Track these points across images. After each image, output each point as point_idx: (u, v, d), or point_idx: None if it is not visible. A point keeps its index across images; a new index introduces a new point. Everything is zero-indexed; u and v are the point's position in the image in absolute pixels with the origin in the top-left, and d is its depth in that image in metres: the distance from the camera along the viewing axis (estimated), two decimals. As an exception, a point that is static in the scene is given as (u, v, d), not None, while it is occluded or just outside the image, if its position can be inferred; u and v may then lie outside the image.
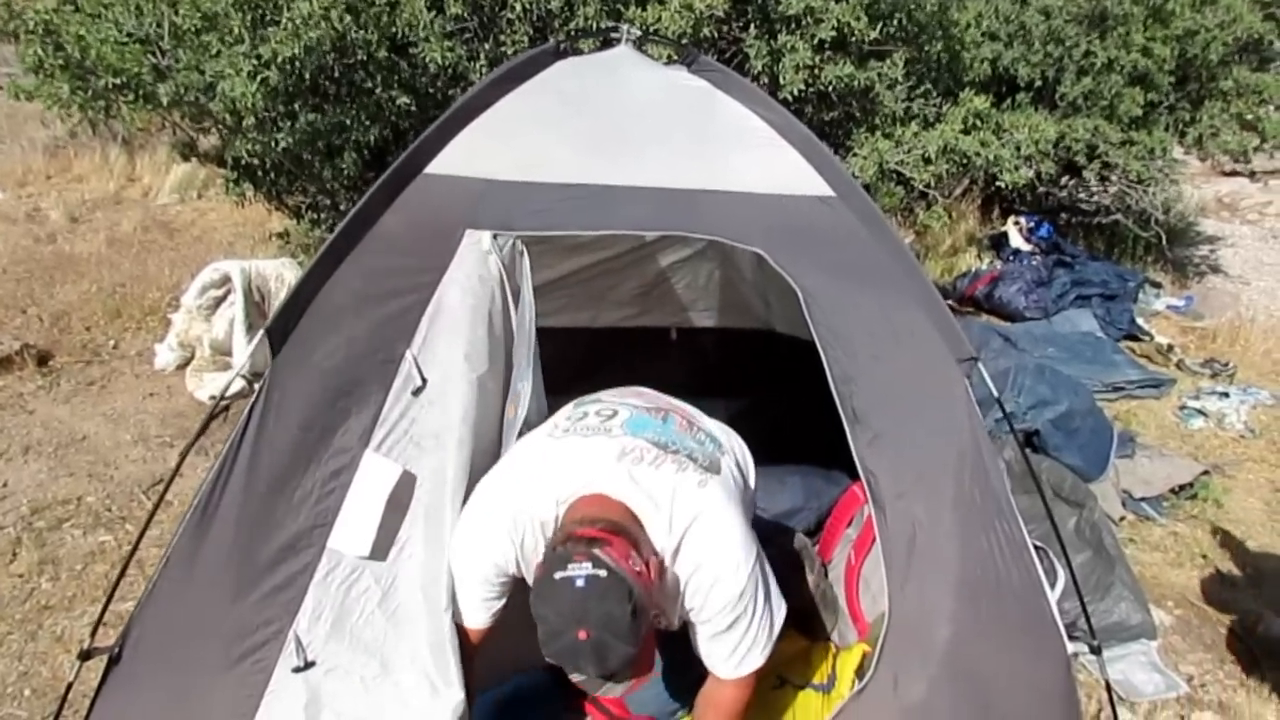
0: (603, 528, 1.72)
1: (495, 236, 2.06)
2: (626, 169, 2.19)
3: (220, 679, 1.85)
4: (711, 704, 2.02)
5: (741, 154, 2.29)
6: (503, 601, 1.96)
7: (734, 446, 2.14)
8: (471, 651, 1.98)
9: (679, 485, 1.86)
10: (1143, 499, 3.86)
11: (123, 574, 2.05)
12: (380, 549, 1.95)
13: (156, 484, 3.66)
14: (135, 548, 2.06)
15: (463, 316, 2.02)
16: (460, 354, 2.01)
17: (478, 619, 1.96)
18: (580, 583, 1.63)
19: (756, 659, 1.93)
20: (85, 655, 1.90)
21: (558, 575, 1.65)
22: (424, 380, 2.00)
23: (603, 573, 1.64)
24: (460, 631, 1.95)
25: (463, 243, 2.03)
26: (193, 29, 3.52)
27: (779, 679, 2.48)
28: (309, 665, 1.86)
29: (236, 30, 3.50)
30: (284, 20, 3.43)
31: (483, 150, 2.16)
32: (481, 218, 2.07)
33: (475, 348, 2.04)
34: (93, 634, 1.93)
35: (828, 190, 2.28)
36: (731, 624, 1.87)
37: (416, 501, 2.00)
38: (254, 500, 1.89)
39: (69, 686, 1.95)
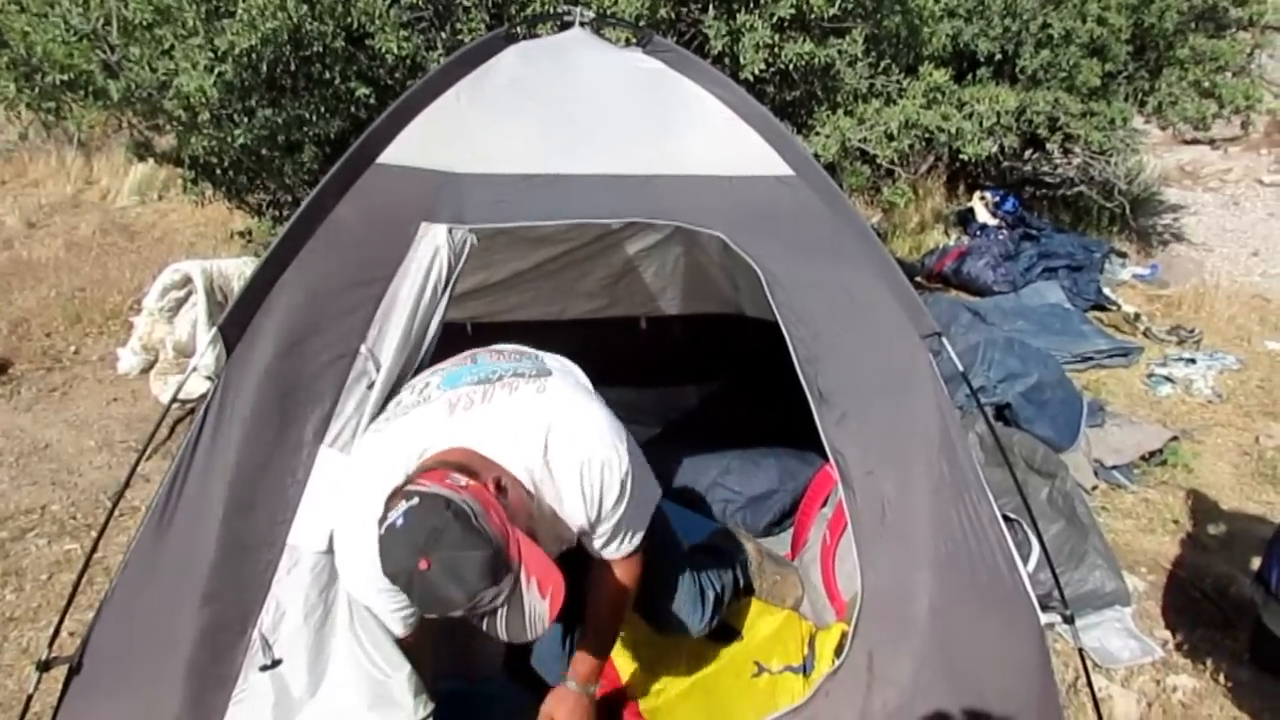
0: (415, 473, 1.69)
1: (450, 230, 2.03)
2: (583, 156, 2.16)
3: (185, 683, 1.82)
4: (604, 586, 2.06)
5: (700, 136, 2.27)
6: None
7: (554, 356, 2.09)
8: (418, 655, 1.97)
9: (517, 404, 1.84)
10: (1114, 467, 3.90)
11: (79, 582, 2.01)
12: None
13: (122, 490, 3.59)
14: (89, 557, 2.01)
15: (413, 312, 1.99)
16: (397, 343, 1.99)
17: (400, 629, 1.93)
18: (399, 522, 1.58)
19: (640, 533, 1.99)
20: (45, 666, 1.86)
21: (383, 531, 1.61)
22: (379, 369, 1.97)
23: (415, 501, 1.60)
24: (399, 642, 1.94)
25: (417, 236, 2.00)
26: (144, 23, 3.43)
27: (756, 666, 2.48)
28: (276, 664, 1.84)
29: (190, 23, 3.42)
30: (239, 11, 3.36)
31: (436, 140, 2.12)
32: (437, 210, 2.03)
33: (428, 345, 2.02)
34: (50, 644, 1.89)
35: (787, 169, 2.26)
36: (621, 500, 1.88)
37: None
38: (212, 501, 1.86)
39: (29, 699, 1.91)
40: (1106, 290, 5.96)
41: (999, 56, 6.20)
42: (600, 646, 2.15)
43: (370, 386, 1.97)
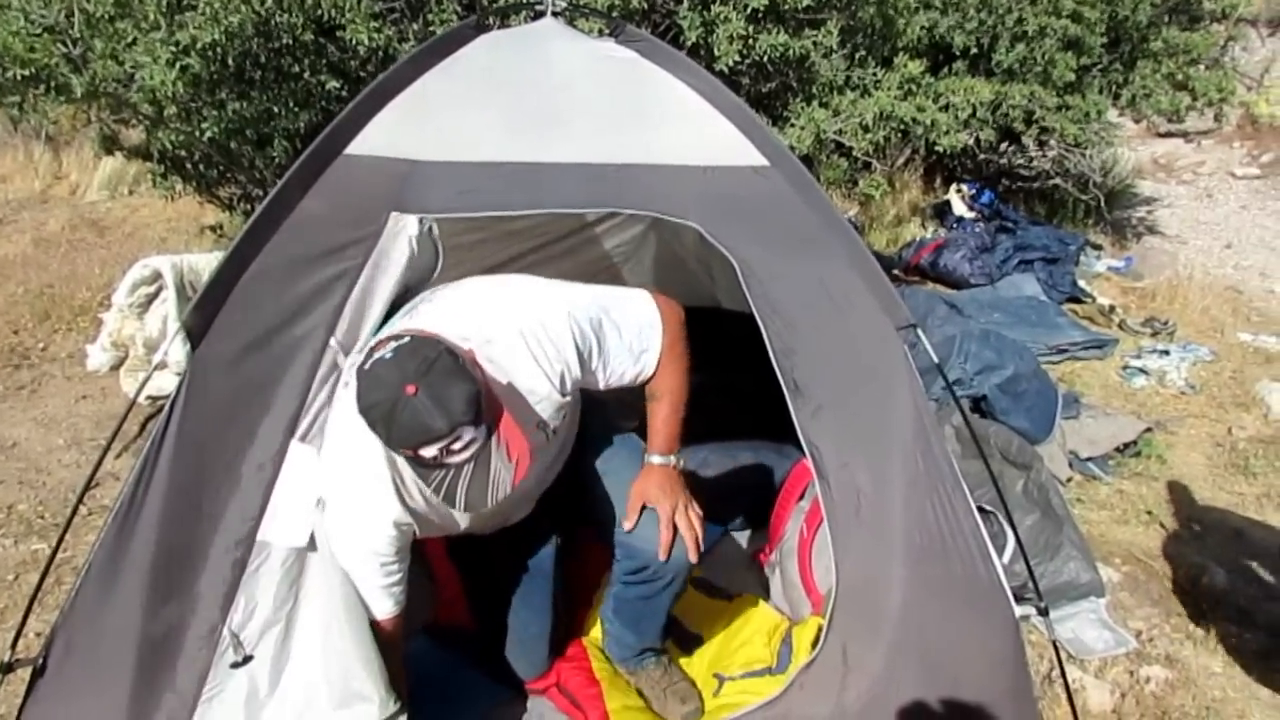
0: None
1: (421, 220, 2.00)
2: (555, 145, 2.14)
3: (155, 682, 1.80)
4: (654, 397, 2.09)
5: (673, 125, 2.24)
6: (402, 574, 1.96)
7: None
8: (392, 643, 1.97)
9: (461, 294, 1.94)
10: (1089, 459, 3.92)
11: (41, 582, 1.97)
12: (312, 539, 1.91)
13: (92, 489, 3.54)
14: (53, 556, 1.97)
15: (383, 302, 1.97)
16: (368, 335, 1.97)
17: (385, 606, 1.94)
18: (387, 355, 1.62)
19: (655, 344, 2.03)
20: (7, 668, 1.83)
21: (368, 365, 1.63)
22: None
23: (405, 340, 1.64)
24: (377, 630, 1.93)
25: (387, 226, 1.97)
26: (105, 15, 3.38)
27: (716, 680, 2.46)
28: (247, 660, 1.82)
29: (152, 16, 3.37)
30: (201, 4, 3.31)
31: (405, 129, 2.09)
32: (406, 200, 2.01)
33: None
34: (13, 645, 1.85)
35: (762, 160, 2.24)
36: (593, 344, 1.92)
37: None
38: (179, 498, 1.83)
39: None
40: (1082, 283, 5.98)
41: (974, 50, 6.20)
42: (664, 412, 2.12)
43: (340, 381, 1.94)
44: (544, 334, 1.86)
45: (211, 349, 1.89)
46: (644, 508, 2.13)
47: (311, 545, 1.88)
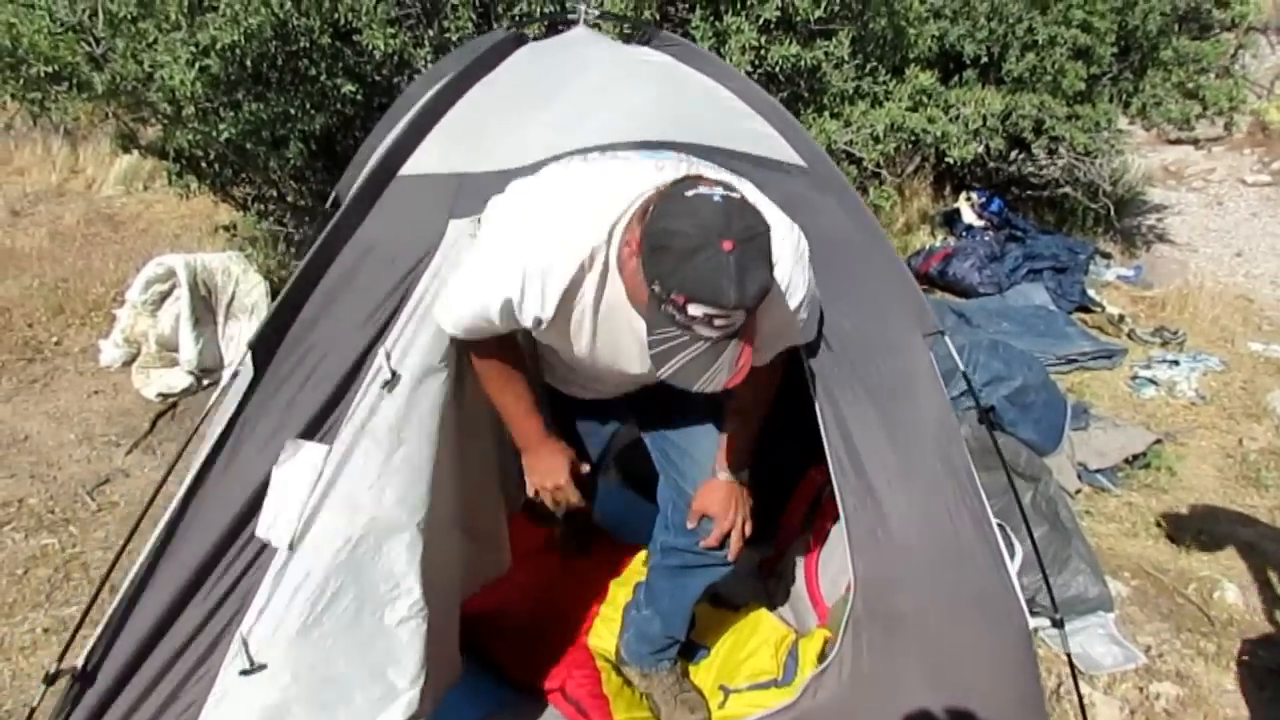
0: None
1: (477, 220, 2.00)
2: (602, 139, 2.11)
3: (177, 693, 1.82)
4: (741, 411, 2.09)
5: (715, 120, 2.23)
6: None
7: None
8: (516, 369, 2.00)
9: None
10: (1098, 470, 3.92)
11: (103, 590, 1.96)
12: (325, 541, 1.91)
13: (101, 484, 3.58)
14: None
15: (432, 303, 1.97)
16: (430, 340, 1.96)
17: (545, 306, 1.76)
18: (717, 199, 1.52)
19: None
20: (51, 679, 1.82)
21: (689, 193, 1.54)
22: (394, 374, 1.95)
23: (736, 195, 1.56)
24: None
25: (446, 236, 1.97)
26: (128, 16, 3.41)
27: (722, 693, 2.48)
28: (257, 668, 1.83)
29: (174, 16, 3.39)
30: (222, 6, 3.34)
31: (455, 145, 2.10)
32: (461, 208, 2.01)
33: (441, 333, 2.00)
34: (61, 658, 1.84)
35: (797, 159, 2.24)
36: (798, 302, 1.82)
37: (365, 496, 1.95)
38: (224, 515, 1.84)
39: (32, 711, 1.86)
40: (1091, 292, 5.99)
41: (985, 59, 6.20)
42: (743, 431, 2.12)
43: (385, 386, 1.94)
44: (801, 248, 1.79)
45: (272, 372, 1.90)
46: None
47: (326, 552, 1.88)
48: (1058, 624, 2.02)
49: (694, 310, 1.50)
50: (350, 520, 1.92)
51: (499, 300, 1.74)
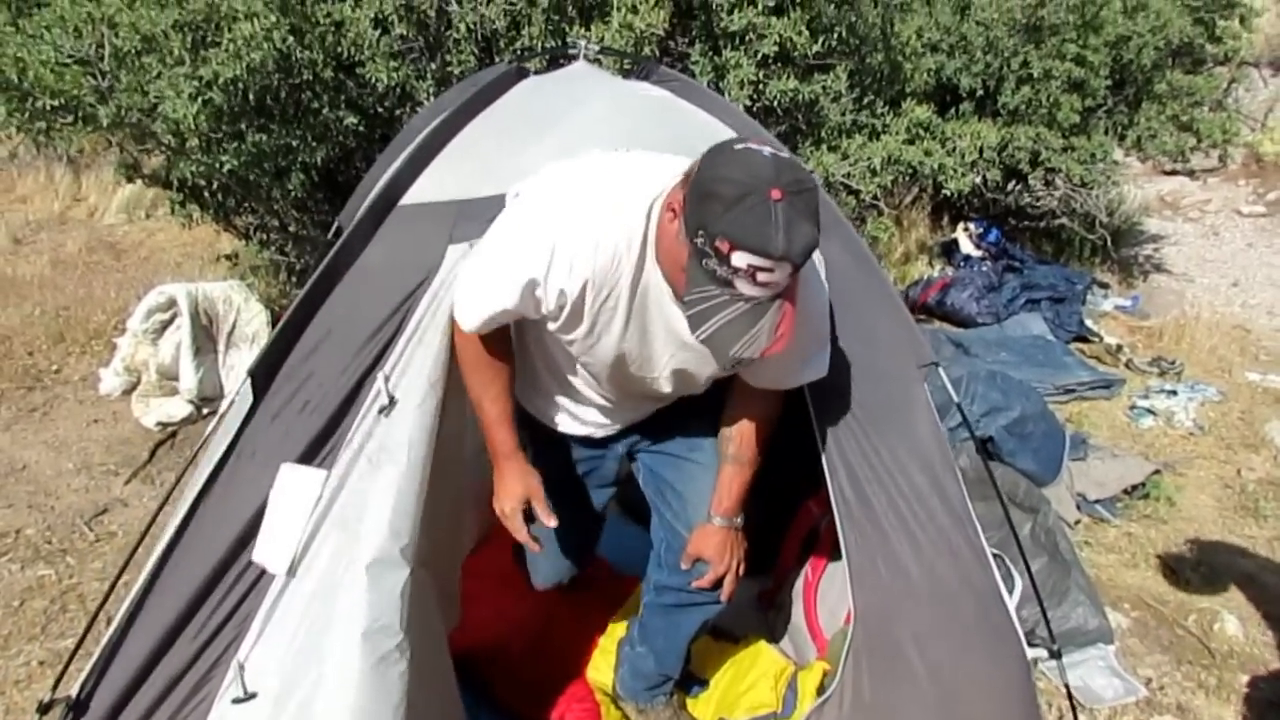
0: None
1: (472, 244, 2.02)
2: None
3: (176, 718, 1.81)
4: (744, 412, 2.03)
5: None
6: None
7: None
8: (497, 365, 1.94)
9: None
10: (1097, 501, 3.92)
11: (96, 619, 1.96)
12: (322, 567, 1.91)
13: (99, 514, 3.57)
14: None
15: (443, 333, 1.98)
16: (427, 365, 1.97)
17: (569, 279, 1.71)
18: (766, 153, 1.48)
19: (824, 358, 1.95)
20: (45, 708, 1.81)
21: (738, 146, 1.51)
22: (391, 399, 1.96)
23: (784, 153, 1.52)
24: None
25: (445, 261, 1.99)
26: (133, 50, 3.45)
27: None
28: (250, 696, 1.82)
29: (177, 52, 3.43)
30: (225, 42, 3.38)
31: (455, 173, 2.12)
32: (459, 234, 2.03)
33: (438, 357, 2.01)
34: (55, 686, 1.84)
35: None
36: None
37: (360, 520, 1.95)
38: (220, 541, 1.84)
39: None
40: (1089, 322, 6.01)
41: (981, 92, 6.27)
42: (740, 478, 2.08)
43: (383, 411, 1.95)
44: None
45: (270, 400, 1.91)
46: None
47: (323, 575, 1.88)
48: (1055, 655, 2.02)
49: (738, 260, 1.44)
50: (346, 546, 1.92)
51: (525, 276, 1.70)
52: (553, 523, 2.02)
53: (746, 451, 2.05)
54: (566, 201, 1.72)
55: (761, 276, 1.45)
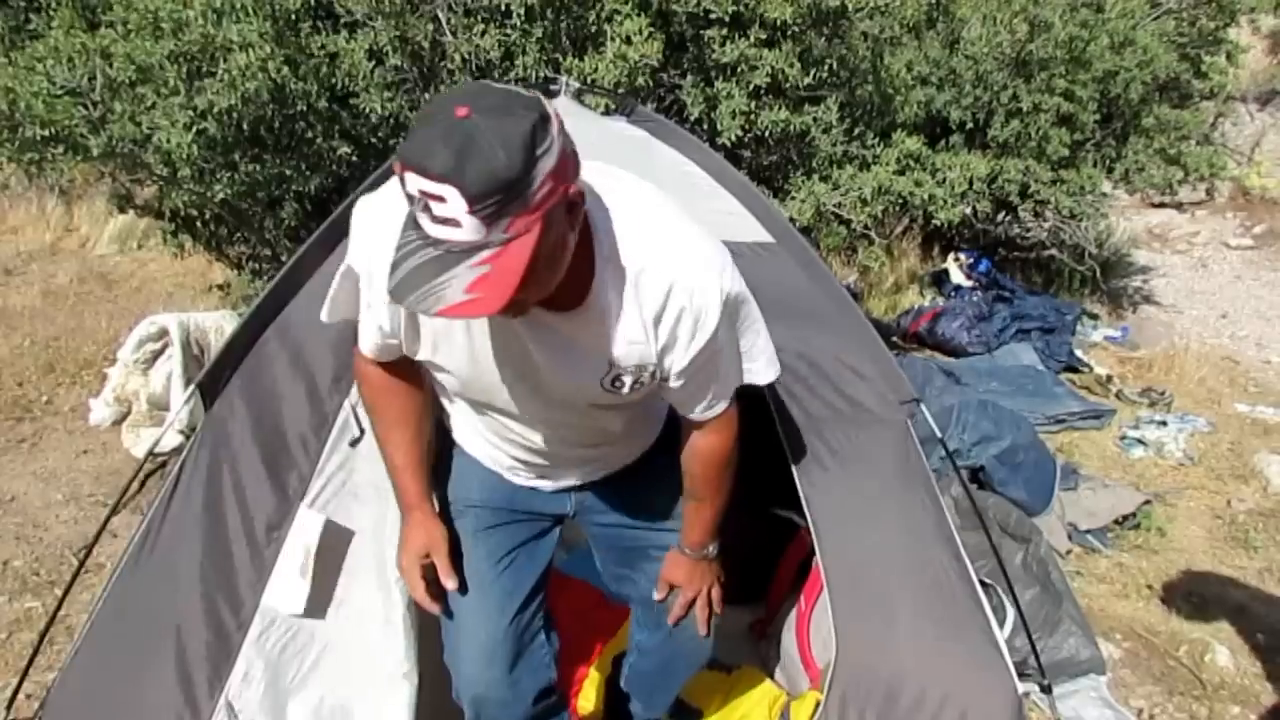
0: None
1: None
2: None
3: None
4: (696, 448, 1.78)
5: (682, 200, 2.30)
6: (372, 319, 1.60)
7: None
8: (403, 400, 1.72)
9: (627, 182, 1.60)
10: (1088, 531, 3.92)
11: (43, 640, 1.97)
12: (318, 606, 1.91)
13: (88, 545, 3.54)
14: (54, 614, 1.98)
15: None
16: None
17: (385, 322, 1.57)
18: (498, 85, 1.27)
19: (734, 387, 1.70)
20: None
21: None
22: (361, 431, 1.96)
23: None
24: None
25: None
26: (127, 80, 3.47)
27: None
28: (243, 731, 1.81)
29: (172, 82, 3.45)
30: (220, 72, 3.40)
31: None
32: None
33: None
34: (8, 706, 1.84)
35: (767, 236, 2.30)
36: (706, 341, 1.55)
37: (353, 556, 1.95)
38: (183, 560, 1.84)
39: None
40: (1078, 352, 6.04)
41: (970, 124, 6.34)
42: (701, 514, 1.88)
43: (353, 444, 1.96)
44: (683, 304, 1.51)
45: (223, 412, 1.91)
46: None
47: (318, 613, 1.88)
48: (1046, 689, 2.02)
49: (410, 185, 1.21)
50: (331, 579, 1.92)
51: (351, 276, 1.56)
52: (451, 584, 1.77)
53: (703, 488, 1.84)
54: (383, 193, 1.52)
55: (436, 209, 1.19)
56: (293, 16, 3.59)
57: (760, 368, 1.73)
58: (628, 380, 1.57)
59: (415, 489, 1.77)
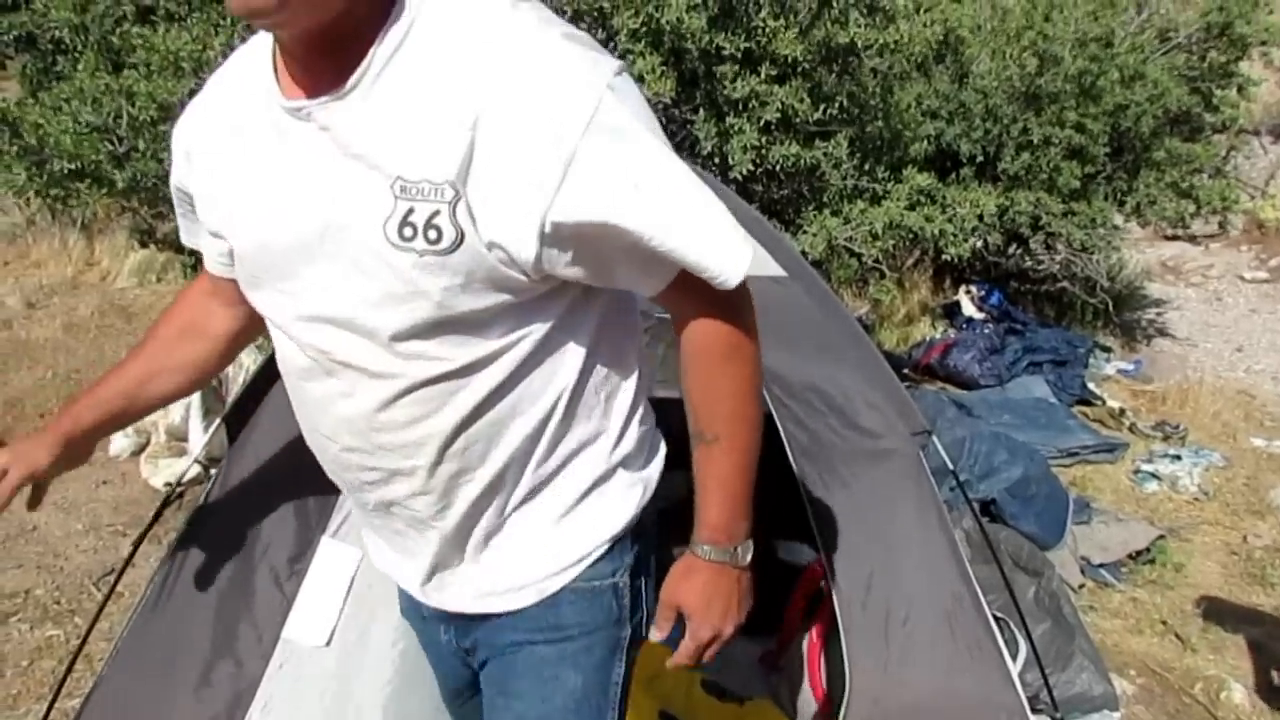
0: None
1: None
2: None
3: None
4: (705, 439, 1.24)
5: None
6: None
7: None
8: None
9: None
10: (1101, 565, 3.90)
11: (70, 669, 1.99)
12: (338, 639, 1.93)
13: (107, 574, 3.57)
14: (81, 645, 2.01)
15: None
16: None
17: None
18: None
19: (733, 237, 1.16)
20: None
21: None
22: None
23: None
24: None
25: None
26: (149, 119, 3.56)
27: None
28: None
29: (194, 120, 3.54)
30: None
31: None
32: None
33: None
34: None
35: (779, 270, 2.33)
36: (602, 131, 1.09)
37: (370, 588, 1.97)
38: (206, 591, 1.87)
39: None
40: (1091, 385, 6.02)
41: (981, 158, 6.38)
42: (714, 466, 1.26)
43: None
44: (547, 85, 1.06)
45: (249, 444, 1.95)
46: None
47: (339, 645, 1.90)
48: (1059, 723, 2.02)
49: None
50: (353, 611, 1.94)
51: (176, 190, 1.36)
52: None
53: (712, 425, 1.23)
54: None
55: None
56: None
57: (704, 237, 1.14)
58: (419, 220, 1.02)
59: (67, 412, 1.47)
